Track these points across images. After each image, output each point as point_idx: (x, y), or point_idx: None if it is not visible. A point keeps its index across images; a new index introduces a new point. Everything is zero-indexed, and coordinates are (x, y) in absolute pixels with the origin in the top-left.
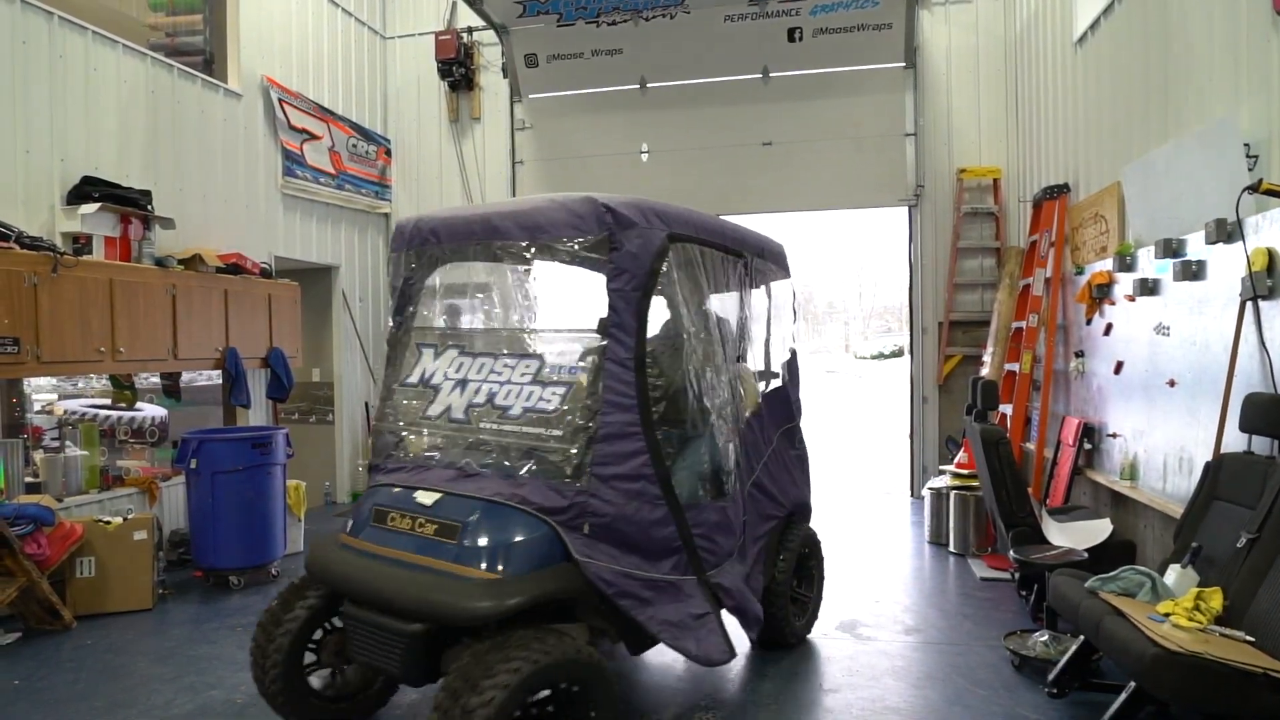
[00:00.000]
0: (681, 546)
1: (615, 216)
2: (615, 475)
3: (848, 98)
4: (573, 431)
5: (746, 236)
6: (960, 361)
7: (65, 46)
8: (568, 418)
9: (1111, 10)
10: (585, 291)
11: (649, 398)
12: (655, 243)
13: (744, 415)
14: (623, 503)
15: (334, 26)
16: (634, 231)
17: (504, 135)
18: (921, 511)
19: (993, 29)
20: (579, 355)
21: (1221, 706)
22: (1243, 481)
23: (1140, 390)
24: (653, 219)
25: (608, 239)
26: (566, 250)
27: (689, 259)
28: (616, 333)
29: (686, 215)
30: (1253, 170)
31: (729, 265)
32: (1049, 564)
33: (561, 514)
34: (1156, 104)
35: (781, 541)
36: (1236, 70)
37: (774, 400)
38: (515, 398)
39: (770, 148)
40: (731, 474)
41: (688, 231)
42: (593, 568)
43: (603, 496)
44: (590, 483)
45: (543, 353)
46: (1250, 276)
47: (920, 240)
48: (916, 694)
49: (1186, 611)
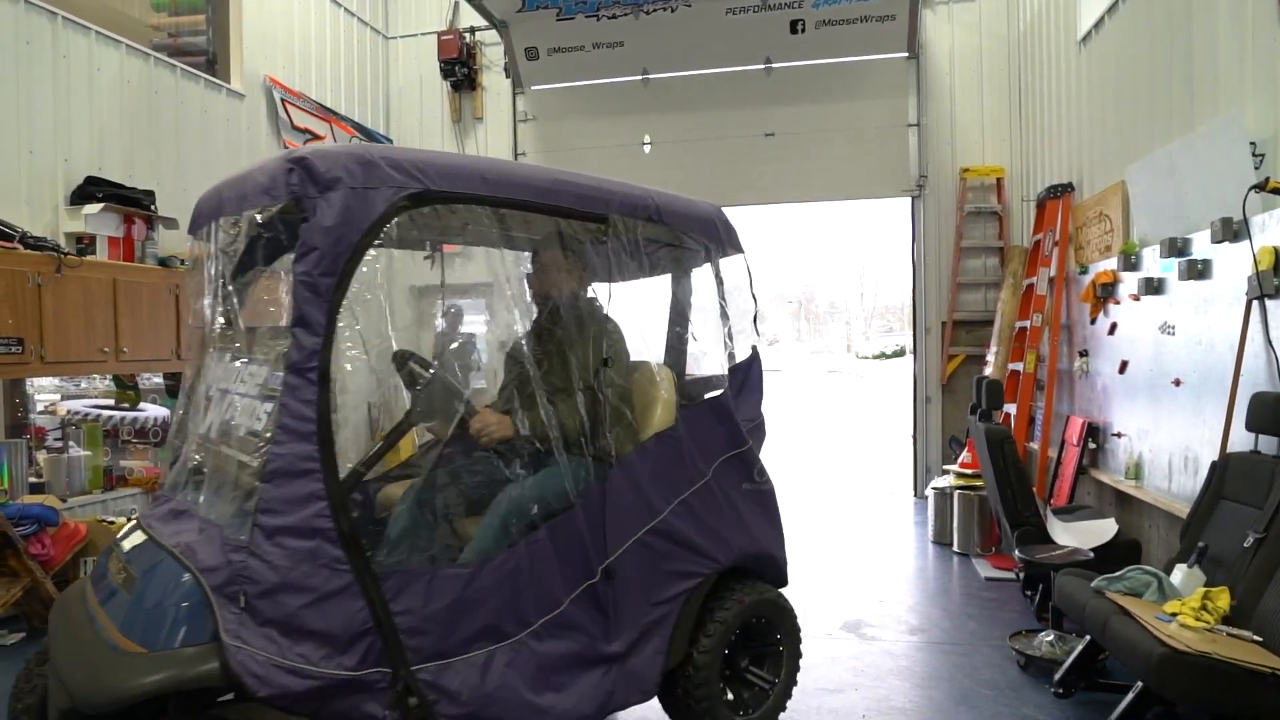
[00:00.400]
0: (374, 628)
1: (308, 173)
2: (282, 528)
3: (850, 89)
4: (259, 465)
5: (638, 200)
6: (964, 361)
7: (69, 47)
8: (262, 445)
9: (1116, 9)
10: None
11: (331, 422)
12: (367, 208)
13: (622, 436)
14: (289, 566)
15: (336, 26)
16: (335, 194)
17: (506, 135)
18: (925, 511)
19: (996, 28)
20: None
21: (1229, 706)
22: (1249, 481)
23: (1145, 390)
24: (378, 173)
25: (296, 205)
26: (258, 226)
27: (482, 229)
28: (298, 334)
29: (478, 167)
30: (1259, 168)
31: (627, 243)
32: (1054, 564)
33: (215, 574)
34: (1161, 102)
35: (708, 608)
36: (1242, 68)
37: (705, 417)
38: (244, 415)
39: (773, 139)
40: (515, 522)
41: (474, 190)
42: (239, 656)
43: (265, 556)
44: (253, 536)
45: (269, 358)
46: (1256, 275)
47: (923, 239)
48: (922, 694)
49: (1194, 611)
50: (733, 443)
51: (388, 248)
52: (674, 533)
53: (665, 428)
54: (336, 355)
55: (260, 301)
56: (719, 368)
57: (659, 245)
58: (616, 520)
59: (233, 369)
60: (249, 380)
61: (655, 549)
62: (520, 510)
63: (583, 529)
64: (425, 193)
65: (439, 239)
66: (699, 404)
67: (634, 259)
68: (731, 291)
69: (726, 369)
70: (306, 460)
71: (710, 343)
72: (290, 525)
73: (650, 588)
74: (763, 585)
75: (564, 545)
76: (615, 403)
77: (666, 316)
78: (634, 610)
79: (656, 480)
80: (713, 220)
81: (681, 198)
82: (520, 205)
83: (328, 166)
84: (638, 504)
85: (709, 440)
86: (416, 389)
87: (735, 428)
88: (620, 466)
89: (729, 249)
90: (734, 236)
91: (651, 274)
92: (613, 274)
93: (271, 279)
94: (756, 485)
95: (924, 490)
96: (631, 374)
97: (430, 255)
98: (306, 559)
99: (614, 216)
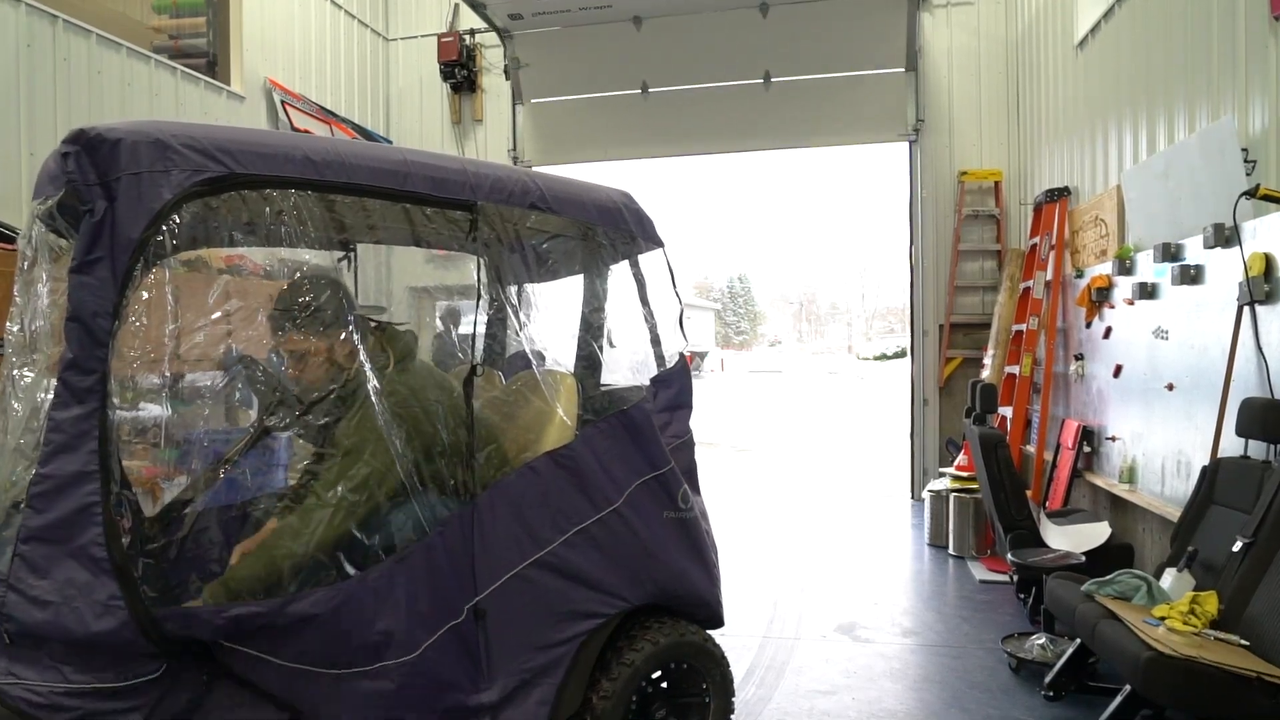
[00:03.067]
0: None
1: (88, 155)
2: (46, 558)
3: (847, 33)
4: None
5: (515, 184)
6: (961, 364)
7: (70, 49)
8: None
9: (1112, 14)
10: None
11: (111, 436)
12: (153, 196)
13: (493, 457)
14: (58, 602)
15: (337, 29)
16: (117, 182)
17: (506, 136)
18: (922, 514)
19: (994, 31)
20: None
21: (1215, 710)
22: (1239, 486)
23: (1139, 394)
24: (168, 155)
25: (74, 196)
26: (38, 219)
27: (301, 216)
28: (72, 337)
29: (300, 145)
30: (1250, 175)
31: (505, 237)
32: (1046, 567)
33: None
34: (1157, 107)
35: (614, 652)
36: (1235, 74)
37: (616, 433)
38: (14, 430)
39: (768, 86)
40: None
41: (296, 173)
42: (16, 691)
43: (28, 591)
44: (15, 567)
45: (45, 365)
46: (1247, 281)
47: (921, 240)
48: (914, 696)
49: (1181, 615)
50: (652, 464)
51: (187, 248)
52: (567, 567)
53: (558, 445)
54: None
55: (46, 302)
56: (642, 377)
57: (557, 239)
58: (487, 552)
59: (13, 377)
60: (25, 390)
61: (542, 585)
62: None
63: (442, 562)
64: (228, 177)
65: (258, 239)
66: (607, 419)
67: (518, 255)
68: (652, 291)
69: (654, 376)
70: (78, 481)
71: (630, 349)
72: (55, 556)
73: (536, 629)
74: (686, 626)
75: (411, 580)
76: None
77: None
78: (513, 655)
79: (544, 506)
80: (619, 208)
81: (579, 182)
82: (357, 190)
83: (109, 149)
84: (518, 534)
85: (620, 460)
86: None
87: (655, 446)
88: (495, 491)
89: (644, 242)
90: (649, 228)
91: (551, 276)
92: (493, 276)
93: (59, 275)
94: (680, 513)
95: (921, 492)
96: (512, 385)
97: (345, 257)
98: (77, 595)
99: (484, 204)
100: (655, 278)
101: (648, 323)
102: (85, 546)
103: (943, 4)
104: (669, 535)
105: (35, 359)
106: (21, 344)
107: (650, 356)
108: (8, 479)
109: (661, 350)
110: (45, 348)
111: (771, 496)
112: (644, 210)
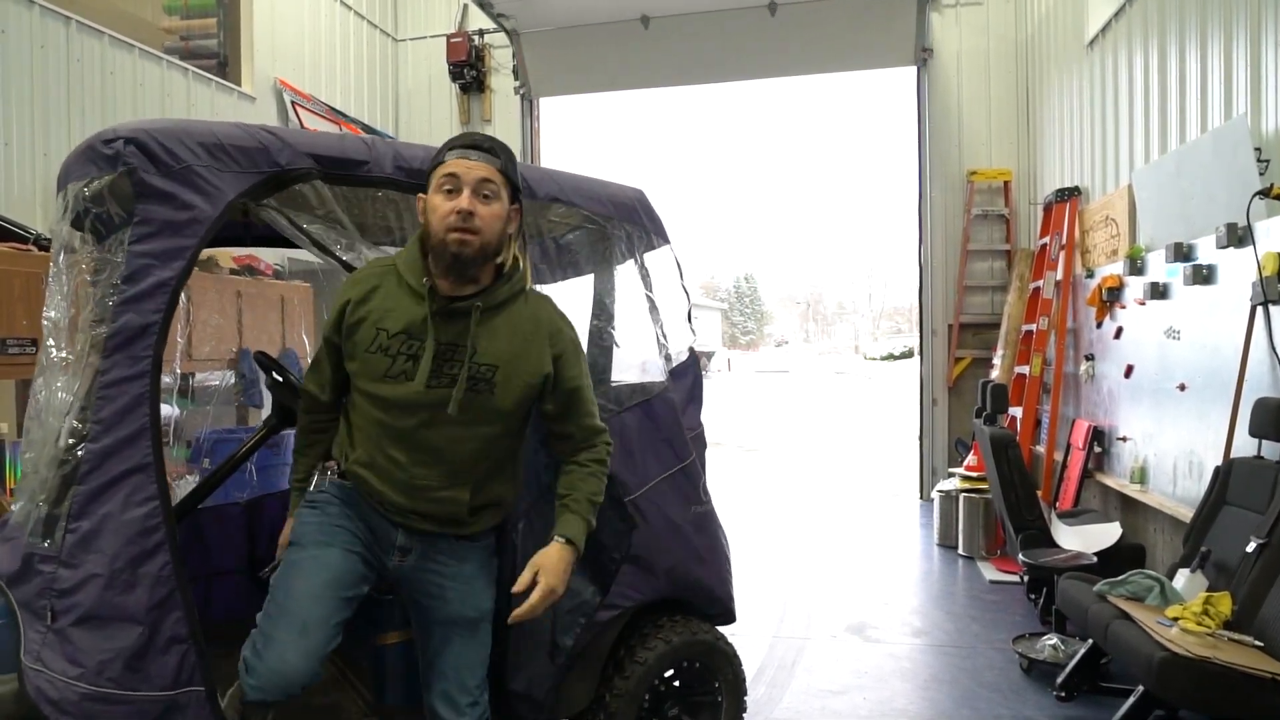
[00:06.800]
0: (188, 637)
1: (150, 147)
2: (99, 534)
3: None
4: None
5: (545, 177)
6: (970, 364)
7: (82, 50)
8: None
9: (1123, 12)
10: None
11: (160, 414)
12: (218, 189)
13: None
14: (106, 577)
15: (346, 29)
16: (189, 171)
17: (515, 137)
18: (930, 514)
19: (1003, 31)
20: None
21: (1229, 711)
22: (1252, 486)
23: (1150, 394)
24: (216, 159)
25: (127, 181)
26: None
27: (353, 211)
28: (131, 314)
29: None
30: (1264, 174)
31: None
32: (1058, 567)
33: (20, 586)
34: (1169, 106)
35: (626, 646)
36: (1249, 72)
37: (639, 422)
38: (61, 409)
39: (774, 11)
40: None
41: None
42: (37, 681)
43: (79, 566)
44: (64, 542)
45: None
46: (1261, 281)
47: (930, 239)
48: (924, 696)
49: (1195, 616)
50: (677, 455)
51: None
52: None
53: None
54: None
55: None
56: (653, 373)
57: (578, 232)
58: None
59: (55, 360)
60: (70, 372)
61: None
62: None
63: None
64: (298, 172)
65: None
66: (631, 409)
67: (537, 246)
68: (663, 286)
69: (666, 371)
70: (136, 459)
71: (642, 342)
72: (110, 534)
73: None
74: (699, 624)
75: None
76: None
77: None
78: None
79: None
80: (634, 205)
81: (595, 179)
82: (398, 186)
83: (170, 142)
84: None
85: (648, 450)
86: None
87: (679, 437)
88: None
89: (656, 239)
90: (660, 225)
91: (574, 271)
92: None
93: (97, 258)
94: (701, 509)
95: (930, 493)
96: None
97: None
98: (128, 570)
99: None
100: (665, 274)
101: (659, 317)
102: (136, 530)
103: (951, 4)
104: (689, 528)
105: (78, 341)
106: (59, 329)
107: (661, 351)
108: (59, 455)
109: (670, 345)
110: (88, 330)
111: (780, 496)
112: (655, 208)
